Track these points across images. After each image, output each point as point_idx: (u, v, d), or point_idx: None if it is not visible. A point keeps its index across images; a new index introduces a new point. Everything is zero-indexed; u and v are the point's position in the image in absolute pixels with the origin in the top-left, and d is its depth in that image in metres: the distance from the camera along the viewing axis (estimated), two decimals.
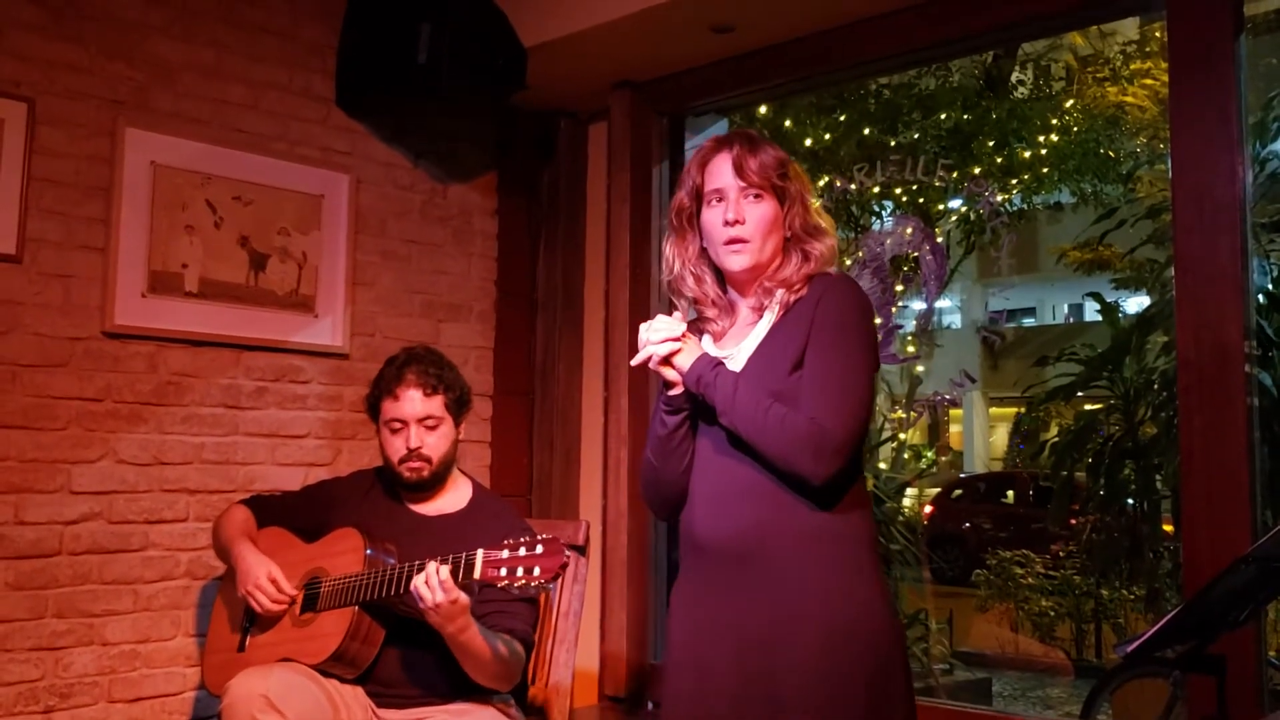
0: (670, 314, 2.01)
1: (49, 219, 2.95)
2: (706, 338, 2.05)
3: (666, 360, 1.94)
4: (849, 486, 1.88)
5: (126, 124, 3.08)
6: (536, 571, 2.17)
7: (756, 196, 1.96)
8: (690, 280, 2.04)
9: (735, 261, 1.97)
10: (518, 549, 2.20)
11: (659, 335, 1.94)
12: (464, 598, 2.28)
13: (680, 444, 1.98)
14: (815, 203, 2.04)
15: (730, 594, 1.87)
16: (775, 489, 1.86)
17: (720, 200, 1.97)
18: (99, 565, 3.00)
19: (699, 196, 2.01)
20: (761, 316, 1.98)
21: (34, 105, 2.93)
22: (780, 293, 1.96)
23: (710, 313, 2.04)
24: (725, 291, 2.05)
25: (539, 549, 2.19)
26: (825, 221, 2.02)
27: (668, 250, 2.07)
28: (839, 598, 1.82)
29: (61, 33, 3.00)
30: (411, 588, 2.30)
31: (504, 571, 2.19)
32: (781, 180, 1.98)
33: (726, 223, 1.96)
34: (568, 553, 2.23)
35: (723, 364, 1.91)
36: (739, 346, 1.98)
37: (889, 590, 1.92)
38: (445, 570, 2.27)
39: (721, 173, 1.98)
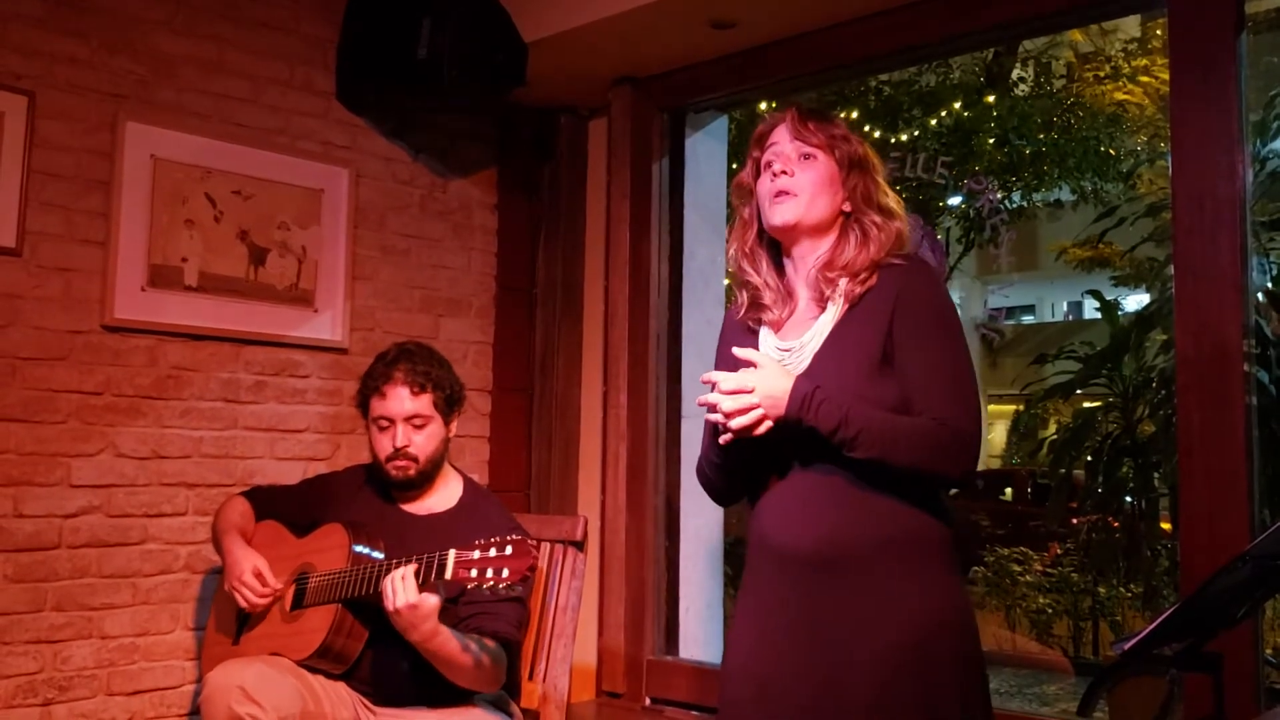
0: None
1: (49, 212, 2.95)
2: (765, 329, 1.92)
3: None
4: (928, 490, 1.79)
5: (127, 118, 3.07)
6: (505, 573, 2.16)
7: (811, 156, 1.86)
8: (746, 263, 1.93)
9: (778, 214, 1.85)
10: (488, 549, 2.19)
11: (739, 422, 1.73)
12: (428, 604, 2.26)
13: (740, 453, 1.85)
14: (884, 184, 1.91)
15: (806, 602, 1.77)
16: (853, 495, 1.76)
17: (774, 163, 1.87)
18: (98, 558, 3.00)
19: (758, 173, 1.91)
20: (824, 309, 1.85)
21: (34, 98, 2.93)
22: (844, 283, 1.82)
23: (767, 298, 1.91)
24: (783, 276, 1.93)
25: (508, 550, 2.17)
26: (894, 201, 1.89)
27: (728, 235, 1.98)
28: (919, 607, 1.74)
29: (62, 26, 2.99)
30: (382, 588, 2.30)
31: (474, 573, 2.18)
32: (843, 143, 1.87)
33: (774, 175, 1.86)
34: (536, 553, 2.22)
35: (816, 392, 1.72)
36: (800, 341, 1.85)
37: (966, 596, 1.83)
38: (409, 572, 2.27)
39: (778, 137, 1.89)
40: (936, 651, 1.74)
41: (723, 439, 1.81)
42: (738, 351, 1.80)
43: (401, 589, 2.26)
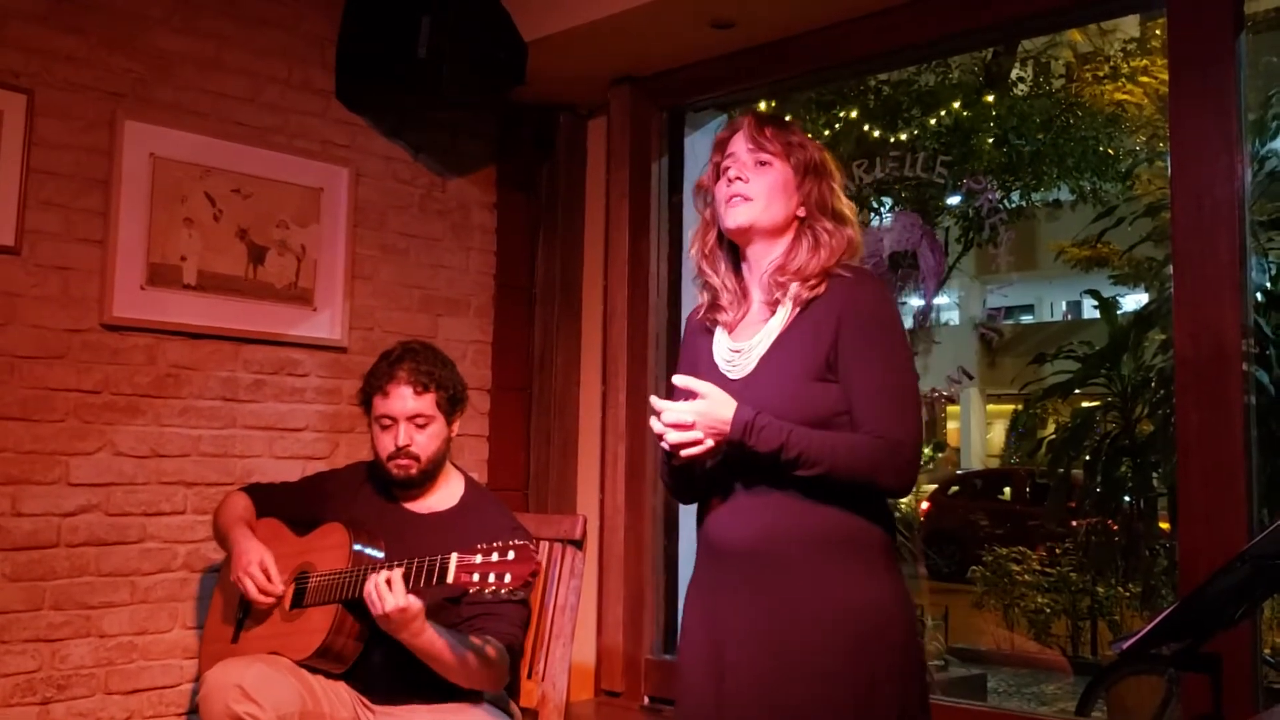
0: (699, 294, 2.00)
1: (48, 211, 2.95)
2: (720, 330, 1.99)
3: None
4: (867, 495, 1.85)
5: (126, 116, 3.07)
6: (507, 578, 2.17)
7: (766, 163, 1.92)
8: (705, 264, 2.00)
9: (732, 217, 1.92)
10: (490, 554, 2.19)
11: (687, 452, 1.81)
12: (414, 606, 2.27)
13: (692, 466, 1.91)
14: (840, 191, 1.97)
15: (746, 598, 1.85)
16: (791, 497, 1.82)
17: (731, 168, 1.94)
18: (96, 557, 3.00)
19: (718, 177, 1.97)
20: (774, 312, 1.91)
21: (33, 97, 2.92)
22: (794, 287, 1.89)
23: (724, 299, 1.98)
24: (741, 278, 1.99)
25: (510, 555, 2.18)
26: (848, 208, 1.95)
27: (690, 237, 2.05)
28: (854, 602, 1.79)
29: (61, 24, 2.99)
30: (364, 593, 2.30)
31: (476, 577, 2.19)
32: (799, 149, 1.93)
33: (729, 180, 1.92)
34: (538, 559, 2.22)
35: (757, 418, 1.78)
36: (749, 344, 1.91)
37: (906, 593, 1.88)
38: (397, 575, 2.27)
39: (735, 144, 1.95)
40: (872, 644, 1.79)
41: (674, 462, 1.88)
42: (678, 381, 1.85)
43: (389, 594, 2.26)
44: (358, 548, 2.48)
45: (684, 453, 1.81)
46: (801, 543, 1.82)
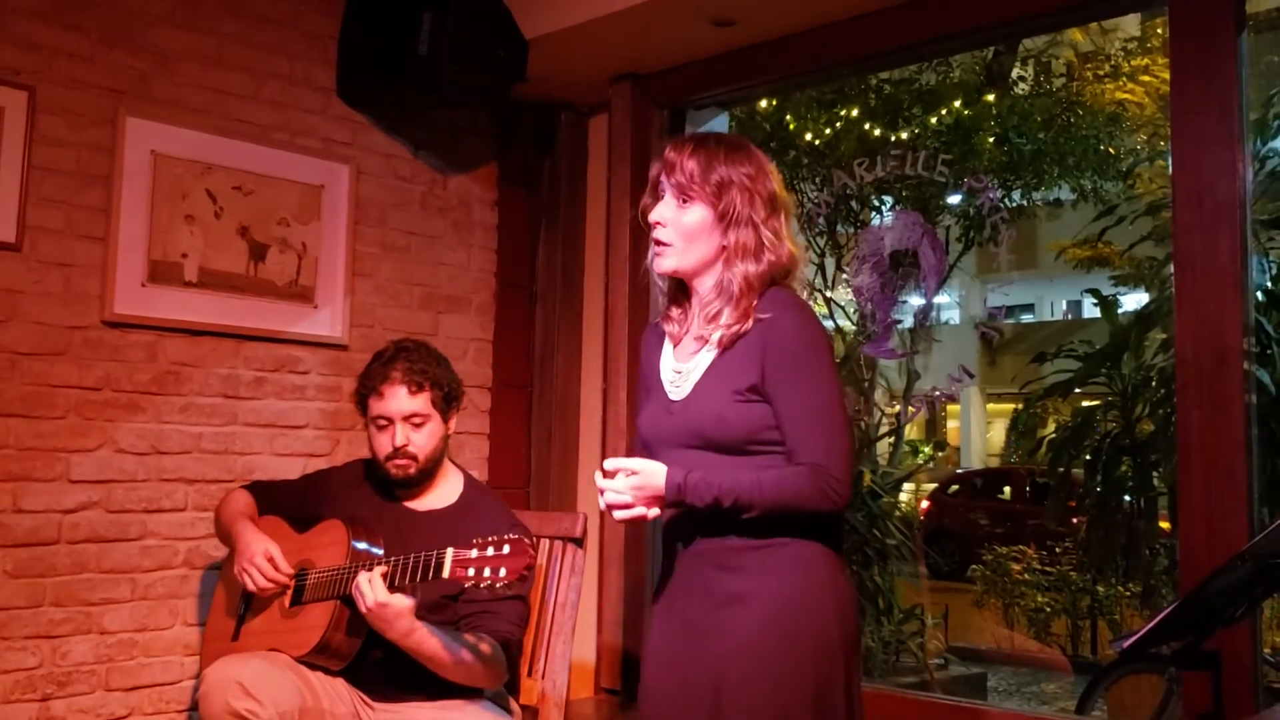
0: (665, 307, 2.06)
1: (49, 207, 2.95)
2: (668, 342, 2.07)
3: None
4: None
5: (127, 113, 3.07)
6: (502, 572, 2.17)
7: (686, 199, 1.95)
8: (656, 278, 2.07)
9: (656, 265, 2.01)
10: (485, 548, 2.20)
11: (631, 517, 1.92)
12: (397, 605, 2.28)
13: None
14: (766, 215, 1.96)
15: (683, 590, 1.96)
16: None
17: (650, 209, 2.00)
18: (97, 554, 3.00)
19: (657, 199, 2.03)
20: (708, 342, 1.97)
21: (34, 93, 2.92)
22: (725, 318, 1.95)
23: (675, 313, 2.06)
24: (689, 292, 2.05)
25: (505, 549, 2.18)
26: (780, 234, 1.96)
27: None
28: (779, 594, 1.86)
29: (62, 20, 2.99)
30: (353, 588, 2.30)
31: (471, 571, 2.19)
32: (719, 189, 1.93)
33: (651, 225, 1.99)
34: (534, 552, 2.23)
35: (689, 477, 1.86)
36: (688, 367, 1.98)
37: (838, 586, 1.92)
38: (377, 572, 2.29)
39: (663, 175, 2.00)
40: (786, 628, 1.86)
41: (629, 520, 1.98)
42: (608, 464, 1.92)
43: (369, 589, 2.27)
44: (356, 544, 2.48)
45: (632, 523, 1.93)
46: (731, 536, 1.89)
